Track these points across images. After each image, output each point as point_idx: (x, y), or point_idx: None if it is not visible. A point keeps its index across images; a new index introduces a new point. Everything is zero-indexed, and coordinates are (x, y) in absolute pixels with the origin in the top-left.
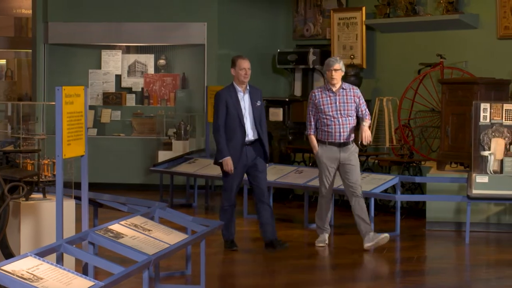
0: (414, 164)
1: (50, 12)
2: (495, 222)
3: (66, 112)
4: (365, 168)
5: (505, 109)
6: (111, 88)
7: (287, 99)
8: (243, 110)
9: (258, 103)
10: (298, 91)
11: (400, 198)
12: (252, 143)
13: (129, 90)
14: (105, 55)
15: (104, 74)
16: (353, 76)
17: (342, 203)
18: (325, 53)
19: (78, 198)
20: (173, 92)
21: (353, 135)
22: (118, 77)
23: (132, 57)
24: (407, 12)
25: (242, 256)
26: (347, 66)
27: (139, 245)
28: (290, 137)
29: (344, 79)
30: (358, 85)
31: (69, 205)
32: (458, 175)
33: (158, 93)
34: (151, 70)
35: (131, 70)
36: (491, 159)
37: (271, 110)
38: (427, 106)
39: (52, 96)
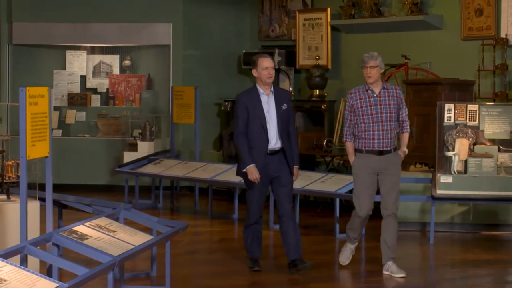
0: None
1: (14, 12)
2: (459, 222)
3: (30, 113)
4: (330, 168)
5: (469, 110)
6: (76, 89)
7: None
8: (266, 115)
9: (284, 107)
10: None
11: None
12: (276, 152)
13: (94, 91)
14: (70, 55)
15: (69, 75)
16: (318, 76)
17: (307, 203)
18: (290, 54)
19: (42, 200)
20: (139, 92)
21: (395, 143)
22: (83, 78)
23: (97, 58)
24: (372, 13)
25: (207, 256)
26: (313, 67)
27: (103, 247)
28: None
29: (309, 80)
30: (323, 86)
31: (34, 206)
32: (423, 176)
33: (123, 94)
34: (116, 70)
35: (96, 71)
36: (455, 159)
37: None
38: None
39: (16, 97)
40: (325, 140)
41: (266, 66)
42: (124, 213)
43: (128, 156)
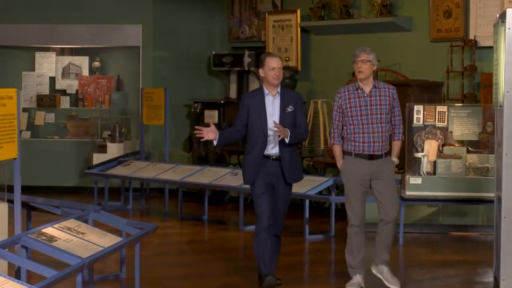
0: None
1: None
2: (428, 223)
3: None
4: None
5: (438, 111)
6: (45, 90)
7: (222, 101)
8: (268, 118)
9: (290, 109)
10: (233, 93)
11: (335, 199)
12: (278, 158)
13: (63, 92)
14: (39, 57)
15: (38, 76)
16: (288, 78)
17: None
18: (260, 55)
19: (10, 201)
20: (108, 94)
21: (387, 146)
22: (52, 79)
23: (66, 59)
24: (342, 15)
25: (177, 258)
26: (283, 68)
27: (72, 248)
28: None
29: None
30: (292, 87)
31: (2, 208)
32: None
33: (92, 95)
34: (85, 72)
35: (66, 72)
36: (424, 160)
37: (206, 112)
38: None
39: None
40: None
41: (273, 66)
42: (93, 215)
43: (98, 158)
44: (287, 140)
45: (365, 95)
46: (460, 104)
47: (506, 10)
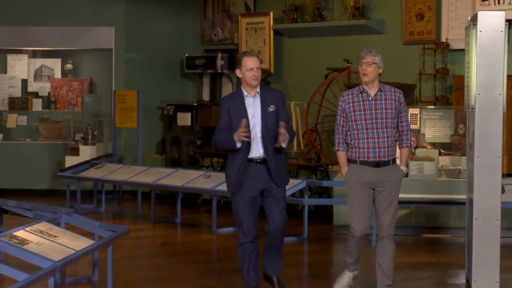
0: (322, 168)
1: None
2: (401, 225)
3: None
4: None
5: (410, 113)
6: (17, 92)
7: (195, 104)
8: (250, 120)
9: (272, 108)
10: (206, 96)
11: (308, 202)
12: (263, 160)
13: (36, 94)
14: (11, 59)
15: (10, 79)
16: (261, 80)
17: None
18: (233, 58)
19: None
20: (81, 96)
21: (394, 152)
22: (24, 82)
23: (38, 62)
24: (314, 17)
25: (150, 261)
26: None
27: (44, 252)
28: (198, 141)
29: None
30: None
31: None
32: None
33: (65, 98)
34: (58, 74)
35: (38, 75)
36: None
37: (179, 114)
38: (334, 111)
39: None
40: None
41: (251, 66)
42: (65, 218)
43: (70, 161)
44: (284, 145)
45: (370, 98)
46: (432, 107)
47: (477, 13)
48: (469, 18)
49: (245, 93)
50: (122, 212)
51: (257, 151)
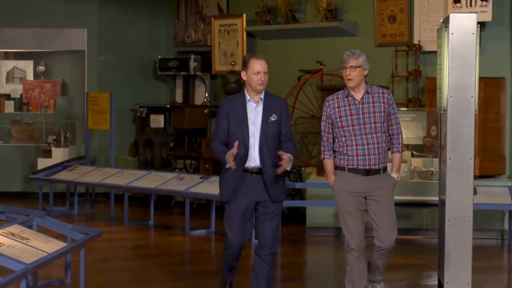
0: (295, 170)
1: None
2: None
3: None
4: None
5: None
6: None
7: (168, 106)
8: (249, 126)
9: (273, 118)
10: (179, 98)
11: None
12: (260, 171)
13: (8, 96)
14: None
15: None
16: (234, 82)
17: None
18: (206, 60)
19: None
20: (53, 98)
21: (385, 160)
22: None
23: (10, 63)
24: (287, 19)
25: (122, 263)
26: (228, 73)
27: (16, 254)
28: (171, 143)
29: (225, 85)
30: (238, 91)
31: None
32: None
33: (37, 100)
34: (30, 76)
35: (10, 77)
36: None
37: (152, 116)
38: (307, 113)
39: None
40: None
41: (258, 70)
42: (37, 220)
43: (43, 163)
44: (288, 168)
45: (357, 102)
46: (405, 108)
47: (449, 15)
48: (441, 21)
49: (247, 97)
50: (94, 215)
51: (253, 161)
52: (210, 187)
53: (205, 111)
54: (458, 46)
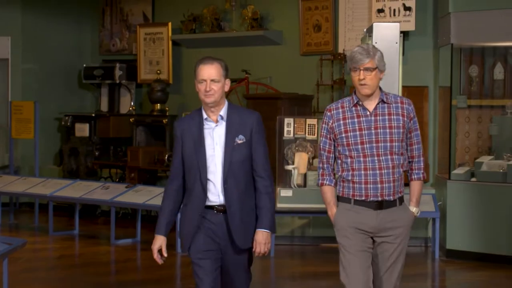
0: None
1: None
2: (299, 235)
3: None
4: None
5: (308, 124)
6: None
7: (93, 115)
8: (207, 152)
9: (240, 140)
10: (104, 107)
11: None
12: (224, 210)
13: None
14: None
15: None
16: (160, 91)
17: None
18: (131, 68)
19: None
20: None
21: (401, 188)
22: None
23: None
24: (213, 28)
25: (47, 274)
26: (154, 82)
27: None
28: (96, 152)
29: (150, 94)
30: (164, 100)
31: None
32: None
33: None
34: None
35: None
36: (295, 173)
37: (77, 125)
38: None
39: None
40: (166, 155)
41: (202, 77)
42: None
43: None
44: (267, 248)
45: (368, 113)
46: None
47: (373, 24)
48: (365, 30)
49: (204, 115)
50: (18, 225)
51: (216, 196)
52: (135, 196)
53: (131, 119)
54: None
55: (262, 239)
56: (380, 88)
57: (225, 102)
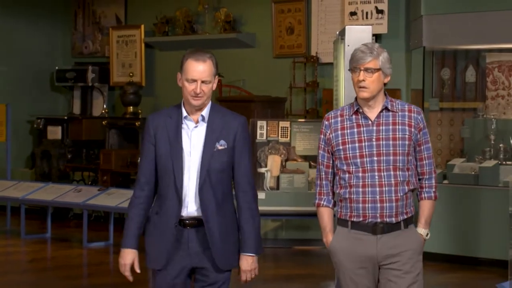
0: None
1: None
2: (272, 237)
3: None
4: None
5: (281, 127)
6: None
7: (65, 117)
8: (184, 157)
9: (222, 145)
10: (77, 109)
11: None
12: (199, 223)
13: None
14: None
15: None
16: (132, 94)
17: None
18: (104, 71)
19: None
20: None
21: (407, 208)
22: None
23: None
24: (186, 31)
25: (19, 277)
26: (126, 84)
27: None
28: (69, 155)
29: (123, 97)
30: (137, 103)
31: None
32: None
33: None
34: None
35: None
36: (268, 175)
37: (49, 128)
38: None
39: None
40: (139, 158)
41: (193, 77)
42: None
43: None
44: (253, 274)
45: (369, 122)
46: (303, 120)
47: (345, 27)
48: (337, 32)
49: (184, 113)
50: None
51: (191, 207)
52: (108, 199)
53: (103, 122)
54: None
55: (247, 266)
56: (385, 94)
57: (209, 102)
